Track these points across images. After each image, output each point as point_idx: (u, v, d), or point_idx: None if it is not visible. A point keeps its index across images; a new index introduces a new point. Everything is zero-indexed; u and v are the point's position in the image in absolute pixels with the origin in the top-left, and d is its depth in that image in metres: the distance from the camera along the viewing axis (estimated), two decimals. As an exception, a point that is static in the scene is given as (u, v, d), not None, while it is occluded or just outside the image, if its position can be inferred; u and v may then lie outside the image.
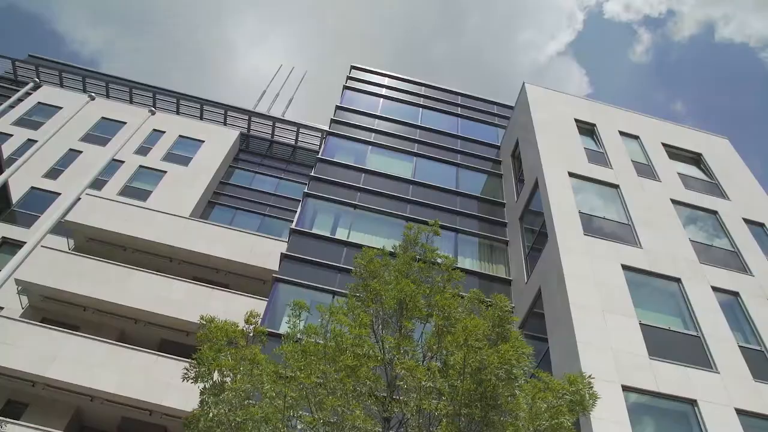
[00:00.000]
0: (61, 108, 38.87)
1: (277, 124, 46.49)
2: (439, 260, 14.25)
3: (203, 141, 39.05)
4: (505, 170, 28.51)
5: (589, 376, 10.40)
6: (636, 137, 26.45)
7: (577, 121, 26.24)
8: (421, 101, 33.55)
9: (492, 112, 34.07)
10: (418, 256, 14.34)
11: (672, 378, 15.77)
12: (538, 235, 21.42)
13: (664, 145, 26.36)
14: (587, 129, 26.17)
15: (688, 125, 29.41)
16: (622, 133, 26.28)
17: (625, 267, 18.89)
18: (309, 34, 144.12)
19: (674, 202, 22.84)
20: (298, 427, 10.93)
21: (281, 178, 42.43)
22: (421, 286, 13.28)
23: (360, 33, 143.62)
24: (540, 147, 23.69)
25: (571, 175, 22.57)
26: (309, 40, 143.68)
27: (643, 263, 19.33)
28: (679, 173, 24.77)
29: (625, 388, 15.09)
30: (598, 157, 24.36)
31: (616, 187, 22.82)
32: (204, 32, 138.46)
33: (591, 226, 20.45)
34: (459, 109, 33.72)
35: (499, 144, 31.01)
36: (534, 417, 10.04)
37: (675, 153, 26.31)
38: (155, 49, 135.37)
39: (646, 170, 24.39)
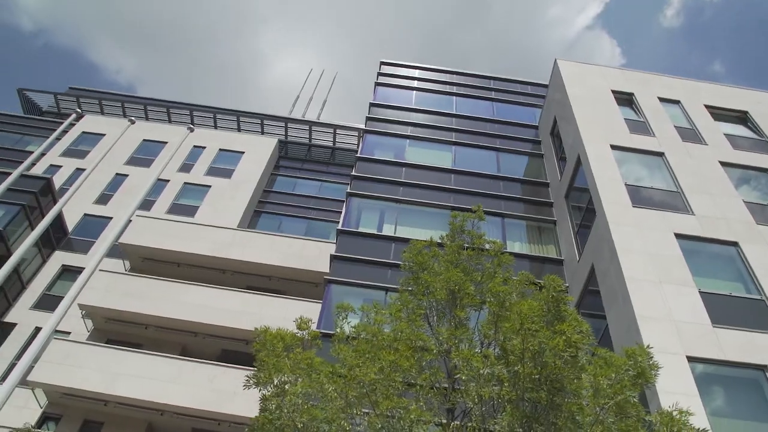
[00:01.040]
0: (104, 135, 39.92)
1: (314, 128, 46.86)
2: (487, 246, 14.22)
3: (243, 152, 39.61)
4: (546, 150, 28.20)
5: (648, 347, 10.24)
6: (676, 102, 25.85)
7: (613, 92, 25.77)
8: (454, 89, 33.38)
9: (526, 93, 33.72)
10: (466, 245, 14.33)
11: (738, 345, 15.38)
12: (586, 211, 21.13)
13: (706, 106, 25.67)
14: (625, 99, 25.69)
15: (729, 84, 28.59)
16: (661, 100, 25.71)
17: (678, 236, 18.48)
18: (334, 35, 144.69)
19: (723, 164, 22.22)
20: (360, 428, 11.03)
21: (323, 181, 42.80)
22: (471, 274, 13.27)
23: (385, 29, 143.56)
24: (579, 122, 23.36)
25: (613, 147, 22.19)
26: (335, 41, 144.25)
27: (697, 230, 18.90)
28: (725, 134, 24.10)
29: (691, 359, 14.78)
30: (640, 126, 23.90)
31: (661, 155, 22.35)
32: (232, 46, 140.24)
33: (639, 197, 20.08)
34: (493, 93, 33.45)
35: (536, 124, 30.68)
36: (598, 395, 9.94)
37: (719, 114, 25.60)
38: (187, 69, 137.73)
39: (690, 135, 23.82)
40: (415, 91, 33.02)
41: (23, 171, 22.67)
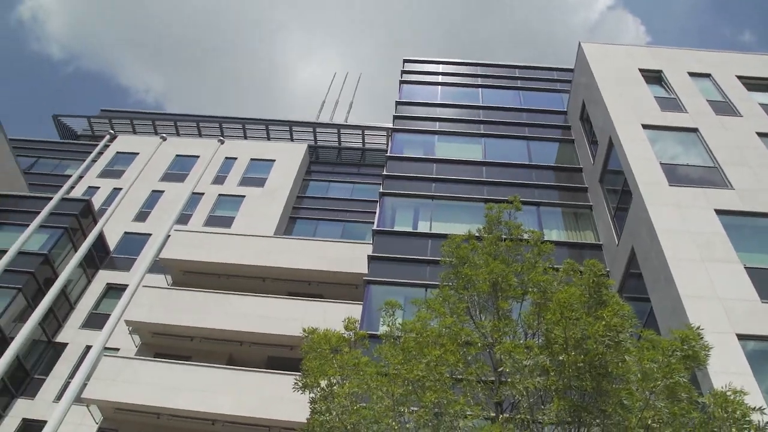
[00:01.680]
0: (138, 153, 40.69)
1: (342, 131, 47.09)
2: (525, 236, 14.15)
3: (274, 160, 39.96)
4: (576, 135, 27.91)
5: (697, 328, 10.08)
6: (707, 75, 25.35)
7: (641, 70, 25.39)
8: (479, 81, 33.23)
9: (552, 79, 33.38)
10: (503, 236, 14.28)
11: (790, 318, 15.04)
12: (622, 194, 20.88)
13: (738, 77, 25.10)
14: (653, 77, 25.30)
15: (761, 52, 27.94)
16: (691, 74, 25.25)
17: (719, 212, 18.13)
18: (354, 37, 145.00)
19: (760, 134, 21.70)
20: (408, 426, 11.07)
21: (355, 183, 42.92)
22: (511, 265, 13.23)
23: (405, 26, 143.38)
24: (607, 104, 23.08)
25: (645, 127, 21.87)
26: (356, 42, 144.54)
27: (738, 204, 18.52)
28: (761, 104, 23.54)
29: (741, 337, 14.49)
30: (671, 103, 23.51)
31: (695, 130, 21.96)
32: (255, 57, 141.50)
33: (675, 175, 19.75)
34: (518, 82, 33.20)
35: (565, 109, 30.37)
36: (646, 379, 9.81)
37: (752, 83, 25.01)
38: (213, 83, 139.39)
39: (724, 107, 23.34)
40: (440, 86, 32.95)
41: (63, 194, 23.21)
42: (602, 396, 10.26)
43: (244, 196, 36.82)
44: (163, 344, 26.11)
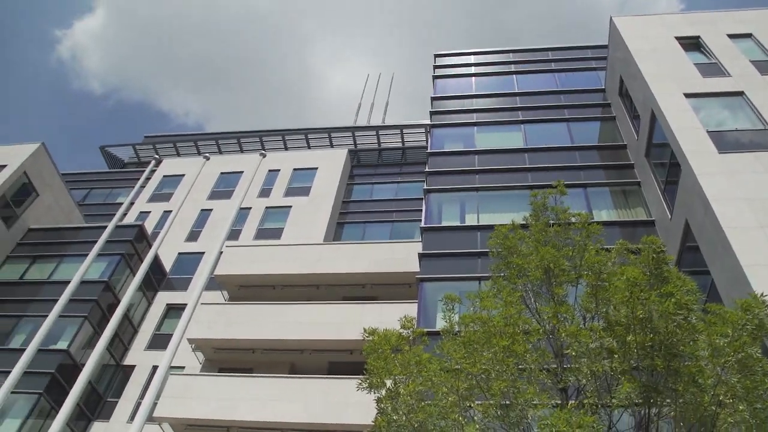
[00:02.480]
0: (183, 175, 41.56)
1: (381, 132, 47.22)
2: (573, 219, 13.99)
3: (317, 168, 40.30)
4: (617, 111, 27.40)
5: (762, 295, 9.80)
6: (748, 35, 24.56)
7: (678, 38, 24.78)
8: (513, 68, 32.93)
9: (587, 58, 32.82)
10: (551, 221, 14.15)
11: None
12: (670, 167, 20.42)
13: (782, 34, 24.28)
14: (691, 43, 24.66)
15: (804, 6, 26.94)
16: (731, 36, 24.49)
17: (774, 175, 17.60)
18: (383, 37, 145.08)
19: (810, 90, 20.99)
20: (475, 418, 11.06)
21: (399, 182, 42.96)
22: (561, 249, 13.08)
23: (432, 19, 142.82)
24: (646, 77, 22.60)
25: (687, 95, 21.34)
26: (385, 42, 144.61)
27: (793, 165, 17.92)
28: (807, 59, 22.74)
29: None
30: (712, 68, 22.88)
31: (740, 93, 21.33)
32: (287, 67, 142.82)
33: (724, 142, 19.21)
34: (552, 64, 32.78)
35: (603, 87, 29.85)
36: (717, 355, 9.59)
37: (797, 39, 24.15)
38: (249, 98, 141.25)
39: (768, 67, 22.60)
40: (473, 77, 32.78)
41: (117, 222, 23.92)
42: (673, 375, 10.08)
43: (290, 207, 37.23)
44: (226, 359, 26.62)
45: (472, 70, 33.43)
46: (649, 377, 10.41)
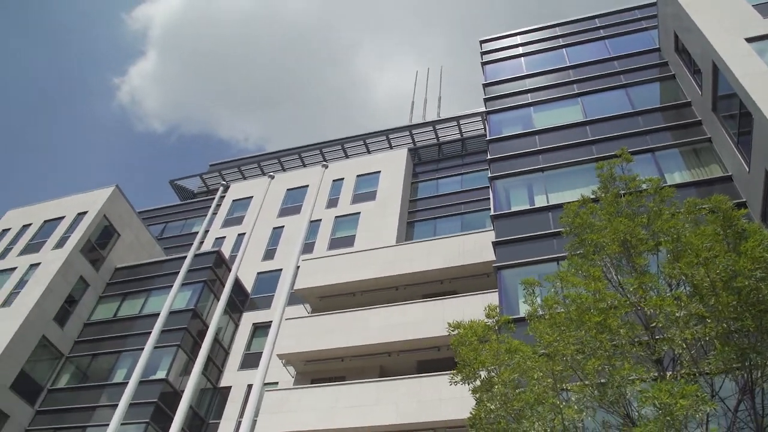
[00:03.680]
0: (251, 197, 42.59)
1: (438, 126, 47.08)
2: (644, 186, 13.66)
3: (379, 171, 40.51)
4: (676, 68, 26.47)
5: None
6: (807, -32, 23.33)
7: (731, -18, 23.74)
8: (561, 41, 32.27)
9: (636, 19, 31.77)
10: (621, 191, 13.86)
11: None
12: (741, 117, 19.57)
13: None
14: (747, -14, 23.58)
15: None
16: (788, -30, 23.32)
17: None
18: (426, 30, 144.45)
19: None
20: (573, 398, 10.92)
21: (462, 174, 42.71)
22: (635, 218, 12.79)
23: (470, 7, 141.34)
24: (701, 28, 21.74)
25: (748, 40, 20.39)
26: (429, 35, 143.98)
27: None
28: None
29: None
30: (772, 8, 21.83)
31: (807, 29, 20.27)
32: (334, 78, 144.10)
33: (795, 83, 18.31)
34: (601, 31, 31.92)
35: (657, 46, 28.89)
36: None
37: None
38: (302, 113, 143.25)
39: (834, -2, 21.41)
40: (522, 58, 32.30)
41: (195, 251, 24.69)
42: (766, 333, 9.74)
43: (359, 213, 37.54)
44: (317, 369, 27.11)
45: (520, 50, 32.94)
46: (743, 339, 10.07)
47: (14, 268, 34.25)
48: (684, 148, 23.45)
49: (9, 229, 38.04)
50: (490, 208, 25.28)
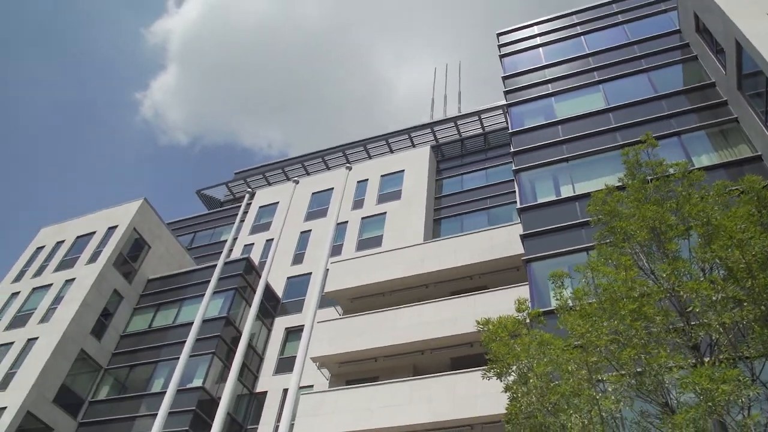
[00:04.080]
0: (278, 203, 42.87)
1: (459, 122, 46.93)
2: (671, 170, 13.49)
3: (403, 170, 40.49)
4: (698, 49, 26.08)
5: None
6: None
7: (750, -42, 23.32)
8: (579, 29, 31.98)
9: (653, 1, 31.33)
10: (648, 177, 13.70)
11: None
12: None
13: None
14: (767, -39, 23.14)
15: None
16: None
17: None
18: (440, 25, 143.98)
19: None
20: (610, 389, 10.81)
21: (487, 168, 42.53)
22: (664, 204, 12.63)
23: (485, 0, 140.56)
24: (722, 7, 21.35)
25: (772, 16, 20.05)
26: (444, 31, 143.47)
27: None
28: None
29: None
30: (795, -18, 21.39)
31: (831, 3, 19.84)
32: (353, 80, 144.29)
33: (823, 56, 17.93)
34: (619, 16, 31.55)
35: (677, 28, 28.49)
36: None
37: None
38: (323, 116, 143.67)
39: None
40: (541, 48, 32.07)
41: (225, 259, 24.88)
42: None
43: (385, 213, 37.55)
44: (351, 371, 27.20)
45: (538, 40, 32.73)
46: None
47: (50, 285, 34.90)
48: (710, 129, 23.10)
49: (43, 246, 38.76)
50: (516, 201, 25.14)
